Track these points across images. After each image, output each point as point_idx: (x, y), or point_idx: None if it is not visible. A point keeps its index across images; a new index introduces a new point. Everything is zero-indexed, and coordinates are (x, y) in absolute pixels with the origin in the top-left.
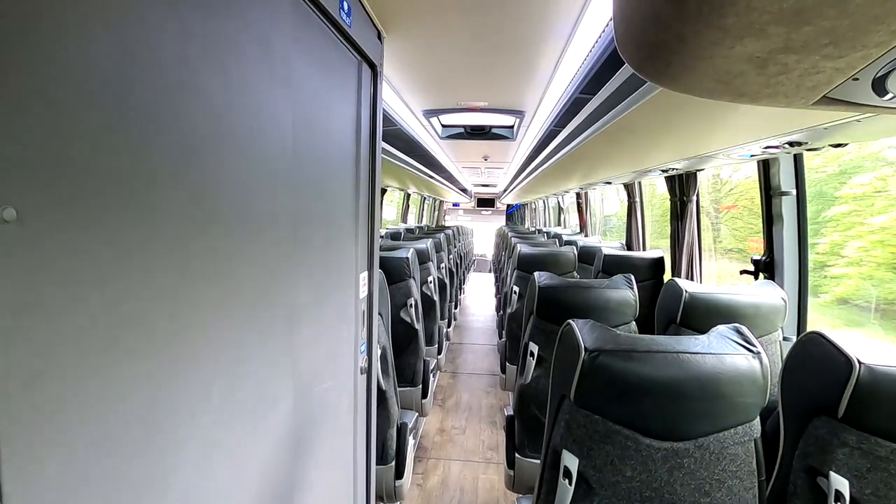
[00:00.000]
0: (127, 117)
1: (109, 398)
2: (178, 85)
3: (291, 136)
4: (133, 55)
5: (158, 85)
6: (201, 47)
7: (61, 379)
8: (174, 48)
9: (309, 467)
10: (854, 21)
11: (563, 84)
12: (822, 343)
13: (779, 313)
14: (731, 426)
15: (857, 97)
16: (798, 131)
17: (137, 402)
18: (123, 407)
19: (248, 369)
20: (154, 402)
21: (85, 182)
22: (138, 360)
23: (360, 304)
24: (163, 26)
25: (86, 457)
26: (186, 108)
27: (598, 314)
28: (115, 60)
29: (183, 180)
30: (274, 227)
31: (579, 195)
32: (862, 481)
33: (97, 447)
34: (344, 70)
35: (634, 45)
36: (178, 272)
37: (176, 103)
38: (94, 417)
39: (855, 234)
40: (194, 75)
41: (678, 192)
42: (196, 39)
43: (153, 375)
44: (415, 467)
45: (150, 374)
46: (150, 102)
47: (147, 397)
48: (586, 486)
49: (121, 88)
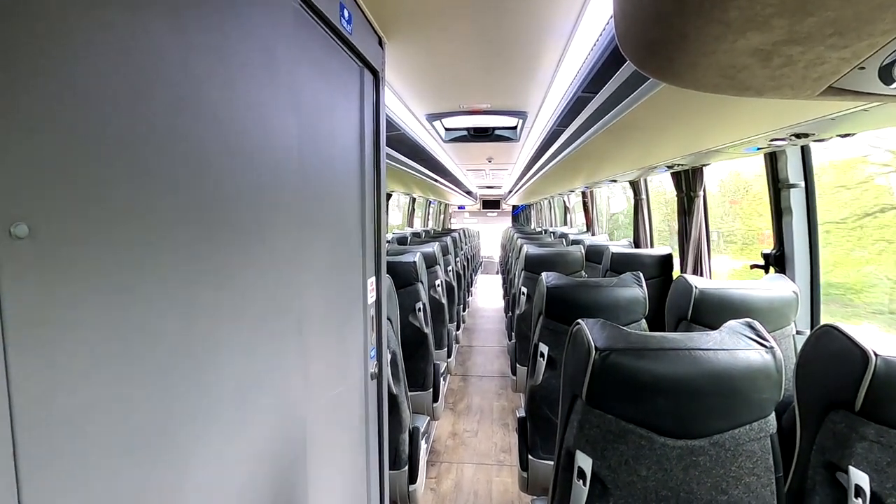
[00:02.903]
0: (134, 130)
1: (122, 407)
2: (184, 96)
3: (297, 144)
4: (139, 69)
5: (165, 97)
6: (206, 59)
7: (75, 389)
8: (179, 61)
9: (322, 473)
10: (858, 10)
11: (565, 83)
12: (836, 336)
13: (791, 307)
14: (747, 422)
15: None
16: (804, 123)
17: (150, 410)
18: (136, 415)
19: (258, 376)
20: (166, 410)
21: (95, 195)
22: (151, 369)
23: (368, 310)
24: (167, 40)
25: (99, 465)
26: (193, 119)
27: (608, 313)
28: (122, 74)
29: (191, 190)
30: (282, 235)
31: (585, 194)
32: (882, 475)
33: (111, 456)
34: (346, 77)
35: (636, 43)
36: (189, 281)
37: (183, 115)
38: (107, 426)
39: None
40: (200, 86)
41: (684, 187)
42: (201, 51)
43: (165, 384)
44: (428, 471)
45: (162, 382)
46: (157, 115)
47: (159, 405)
48: (601, 487)
49: (127, 101)
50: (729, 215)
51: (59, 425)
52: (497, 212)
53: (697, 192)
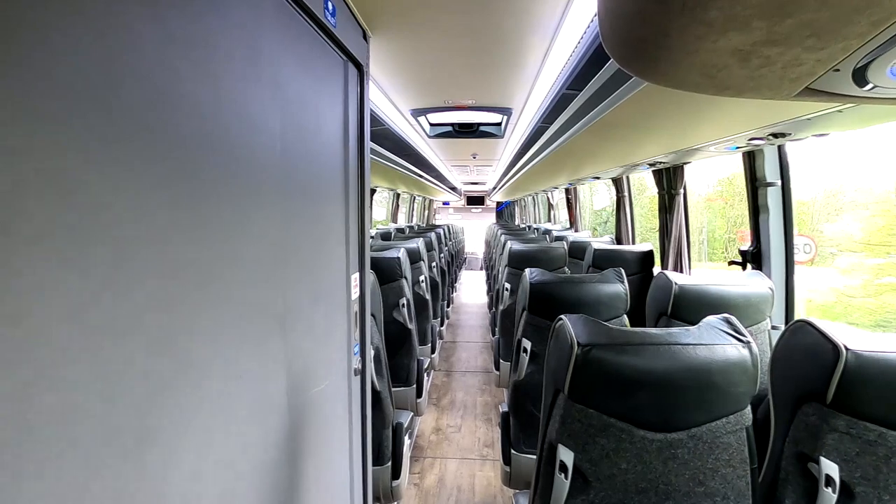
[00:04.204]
0: (109, 122)
1: (100, 406)
2: (163, 89)
3: (279, 138)
4: (115, 60)
5: (143, 89)
6: (185, 50)
7: (52, 387)
8: (158, 52)
9: (305, 470)
10: (834, 13)
11: (549, 80)
12: (809, 331)
13: (767, 302)
14: (723, 415)
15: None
16: (782, 123)
17: (129, 408)
18: (114, 414)
19: (241, 373)
20: (146, 409)
21: (69, 189)
22: (128, 367)
23: (352, 306)
24: (145, 30)
25: (77, 465)
26: (172, 111)
27: (590, 309)
28: (97, 66)
29: (170, 185)
30: (264, 230)
31: (568, 191)
32: (851, 465)
33: (89, 455)
34: (330, 70)
35: (619, 41)
36: (168, 277)
37: (161, 107)
38: (85, 425)
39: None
40: (179, 78)
41: (666, 185)
42: (180, 42)
43: (144, 382)
44: (411, 467)
45: (141, 380)
46: (134, 108)
47: (138, 404)
48: (582, 480)
49: (102, 92)
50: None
51: (36, 425)
52: (482, 208)
53: (678, 190)
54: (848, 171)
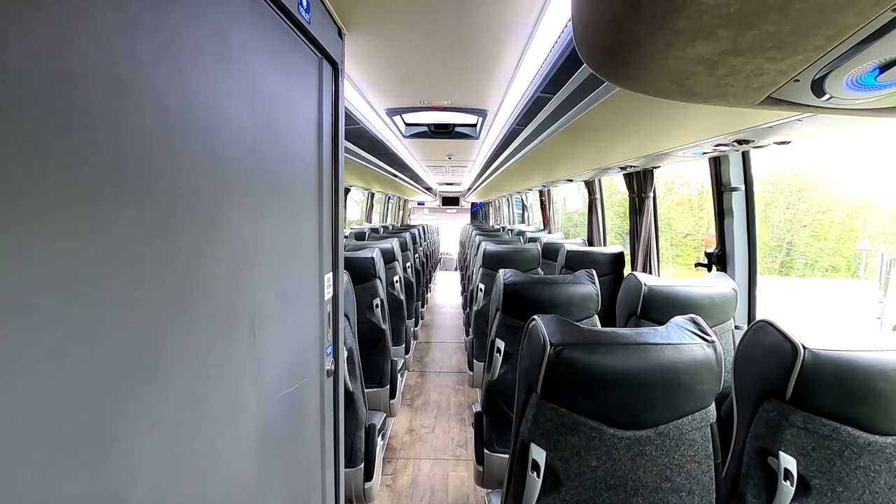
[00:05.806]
0: (70, 113)
1: (59, 408)
2: (127, 83)
3: (250, 134)
4: (77, 52)
5: (106, 79)
6: (152, 43)
7: (8, 391)
8: (122, 41)
9: (276, 473)
10: (794, 26)
11: (524, 84)
12: (770, 331)
13: (731, 303)
14: (689, 413)
15: (798, 97)
16: (745, 130)
17: (90, 412)
18: (75, 418)
19: (209, 375)
20: (108, 413)
21: (29, 186)
22: (90, 369)
23: (325, 306)
24: (110, 19)
25: (34, 472)
26: (136, 104)
27: (562, 309)
28: (58, 57)
29: (134, 179)
30: (234, 229)
31: (542, 193)
32: (808, 459)
33: (47, 462)
34: (304, 68)
35: (593, 47)
36: (132, 278)
37: (125, 99)
38: (44, 430)
39: None
40: (145, 70)
41: (636, 188)
42: (146, 33)
43: (107, 384)
44: (384, 468)
45: (103, 382)
46: (97, 102)
47: (101, 408)
48: (554, 478)
49: (62, 82)
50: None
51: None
52: (456, 209)
53: (648, 193)
54: None
